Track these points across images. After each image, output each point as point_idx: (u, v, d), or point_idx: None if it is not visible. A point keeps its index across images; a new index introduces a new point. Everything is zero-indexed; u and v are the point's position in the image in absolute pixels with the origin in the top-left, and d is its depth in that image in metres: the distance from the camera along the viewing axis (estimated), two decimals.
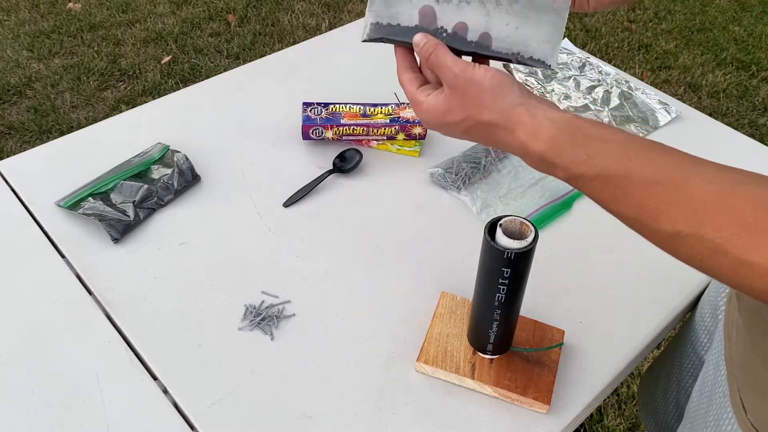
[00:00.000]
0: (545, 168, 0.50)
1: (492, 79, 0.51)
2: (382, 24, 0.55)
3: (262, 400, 0.63)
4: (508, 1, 0.54)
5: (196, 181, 0.86)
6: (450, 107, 0.52)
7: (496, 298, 0.59)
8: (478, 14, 0.54)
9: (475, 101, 0.51)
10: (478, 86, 0.51)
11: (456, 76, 0.51)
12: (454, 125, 0.53)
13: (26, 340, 0.68)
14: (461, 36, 0.54)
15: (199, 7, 2.66)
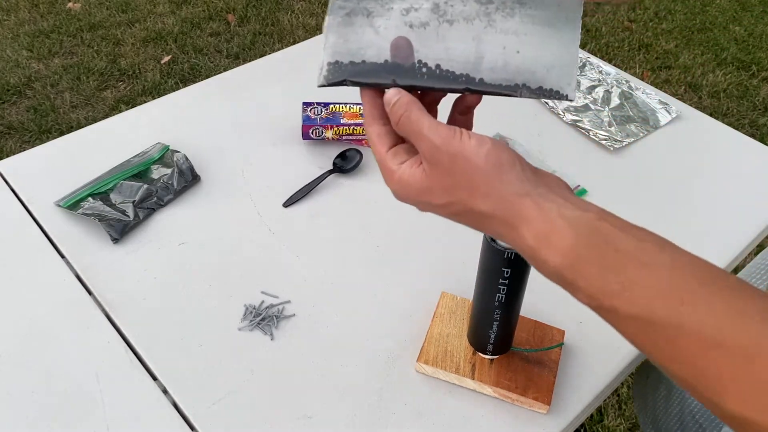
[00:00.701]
0: (563, 285, 0.39)
1: (487, 156, 0.39)
2: (343, 63, 0.43)
3: (262, 400, 0.63)
4: (502, 17, 0.42)
5: (196, 181, 0.85)
6: (430, 186, 0.41)
7: (497, 298, 0.59)
8: (466, 39, 0.42)
9: (465, 183, 0.40)
10: (467, 164, 0.39)
11: (437, 149, 0.40)
12: (437, 208, 0.42)
13: (26, 340, 0.68)
14: (447, 71, 0.42)
15: (198, 7, 2.66)
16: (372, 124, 0.44)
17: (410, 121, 0.41)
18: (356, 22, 0.43)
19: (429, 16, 0.42)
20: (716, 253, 0.80)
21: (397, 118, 0.42)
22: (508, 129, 0.95)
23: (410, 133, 0.41)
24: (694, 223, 0.84)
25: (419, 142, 0.41)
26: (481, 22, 0.42)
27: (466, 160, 0.39)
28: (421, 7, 0.42)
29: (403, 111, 0.41)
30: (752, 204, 0.86)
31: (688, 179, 0.90)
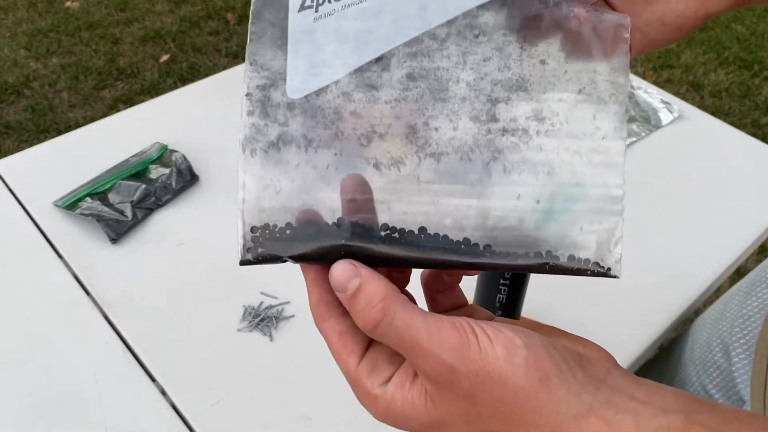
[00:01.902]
0: None
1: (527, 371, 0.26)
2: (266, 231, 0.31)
3: (261, 402, 0.63)
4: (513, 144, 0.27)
5: (195, 181, 0.85)
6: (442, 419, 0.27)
7: (497, 299, 0.58)
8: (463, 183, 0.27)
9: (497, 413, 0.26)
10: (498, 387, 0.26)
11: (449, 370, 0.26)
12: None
13: (23, 341, 0.67)
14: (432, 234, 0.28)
15: (197, 6, 2.65)
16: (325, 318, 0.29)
17: (395, 329, 0.27)
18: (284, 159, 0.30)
19: (402, 150, 0.27)
20: (718, 253, 0.79)
21: (370, 324, 0.27)
22: None
23: (399, 346, 0.27)
24: (696, 222, 0.83)
25: (415, 359, 0.27)
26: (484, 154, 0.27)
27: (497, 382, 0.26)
28: (389, 130, 0.27)
29: (380, 315, 0.27)
30: (754, 204, 0.86)
31: (690, 179, 0.90)
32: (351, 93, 0.27)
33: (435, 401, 0.27)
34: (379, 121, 0.27)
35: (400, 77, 0.27)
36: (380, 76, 0.27)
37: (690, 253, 0.79)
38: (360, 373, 0.29)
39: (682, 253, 0.79)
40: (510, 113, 0.27)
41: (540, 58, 0.27)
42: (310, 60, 0.28)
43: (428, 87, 0.27)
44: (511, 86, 0.27)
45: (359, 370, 0.29)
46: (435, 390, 0.27)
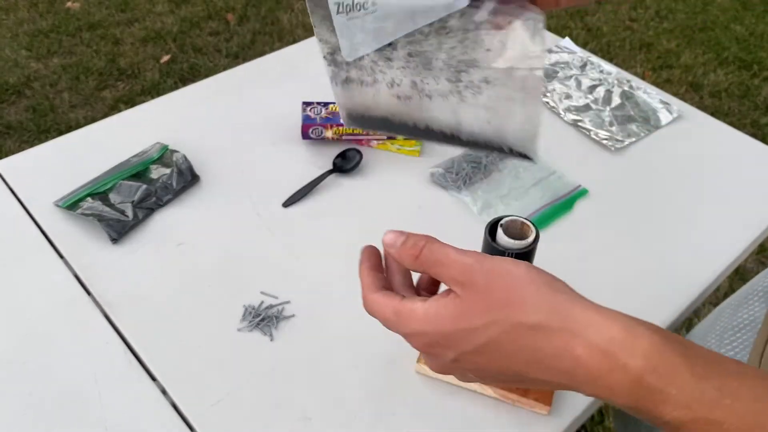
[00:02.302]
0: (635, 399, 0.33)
1: (528, 271, 0.37)
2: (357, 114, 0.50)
3: (262, 401, 0.63)
4: (471, 94, 0.46)
5: (195, 181, 0.85)
6: (466, 310, 0.37)
7: None
8: (445, 111, 0.47)
9: (507, 298, 0.36)
10: (508, 278, 0.37)
11: (470, 269, 0.37)
12: (469, 334, 0.37)
13: (24, 341, 0.67)
14: (431, 129, 0.48)
15: (198, 6, 2.65)
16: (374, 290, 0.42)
17: (433, 250, 0.39)
18: (354, 88, 0.48)
19: (410, 92, 0.47)
20: (717, 253, 0.79)
21: (417, 251, 0.40)
22: None
23: (434, 263, 0.39)
24: (695, 222, 0.83)
25: (446, 269, 0.38)
26: (455, 98, 0.46)
27: (506, 275, 0.37)
28: (402, 82, 0.47)
29: (424, 243, 0.40)
30: (753, 204, 0.86)
31: (689, 179, 0.90)
32: (377, 61, 0.46)
33: (461, 299, 0.37)
34: (396, 76, 0.46)
35: (403, 54, 0.45)
36: (391, 53, 0.45)
37: (689, 252, 0.79)
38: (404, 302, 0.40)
39: (682, 253, 0.79)
40: (468, 78, 0.45)
41: (485, 47, 0.43)
42: (350, 41, 0.45)
43: (420, 61, 0.45)
44: (468, 63, 0.44)
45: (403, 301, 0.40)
46: (461, 290, 0.37)
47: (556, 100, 1.01)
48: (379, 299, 0.41)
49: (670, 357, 0.33)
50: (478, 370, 0.39)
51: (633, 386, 0.33)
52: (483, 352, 0.37)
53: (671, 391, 0.32)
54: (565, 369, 0.35)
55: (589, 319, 0.35)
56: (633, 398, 0.33)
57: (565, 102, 1.01)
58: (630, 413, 0.35)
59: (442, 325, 0.38)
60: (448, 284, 0.39)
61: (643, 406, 0.33)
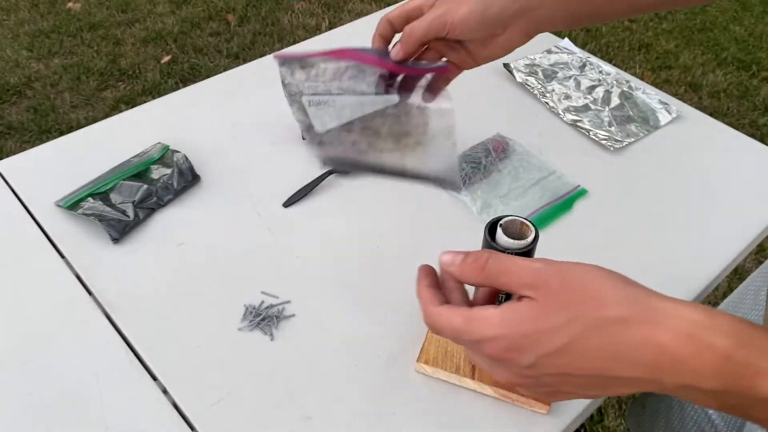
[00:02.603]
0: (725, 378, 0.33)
1: (599, 268, 0.37)
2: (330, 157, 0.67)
3: (262, 401, 0.63)
4: (410, 150, 0.64)
5: (196, 181, 0.85)
6: (542, 310, 0.37)
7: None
8: (394, 159, 0.65)
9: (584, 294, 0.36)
10: (583, 276, 0.37)
11: (541, 271, 0.38)
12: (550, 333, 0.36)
13: (25, 341, 0.68)
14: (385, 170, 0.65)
15: (198, 7, 2.66)
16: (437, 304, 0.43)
17: (498, 260, 0.40)
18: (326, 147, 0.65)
19: (367, 148, 0.64)
20: (716, 253, 0.80)
21: (482, 263, 0.40)
22: (508, 129, 0.95)
23: (501, 273, 0.40)
24: (694, 223, 0.83)
25: (515, 276, 0.39)
26: (399, 152, 0.64)
27: (579, 273, 0.37)
28: (360, 143, 0.64)
29: (487, 255, 0.40)
30: (752, 204, 0.86)
31: (688, 179, 0.90)
32: (341, 131, 0.64)
33: (537, 299, 0.37)
34: (355, 139, 0.64)
35: (359, 127, 0.63)
36: (351, 127, 0.63)
37: (688, 252, 0.80)
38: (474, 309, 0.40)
39: (681, 253, 0.79)
40: (405, 141, 0.63)
41: (414, 123, 0.62)
42: (321, 121, 0.64)
43: (371, 131, 0.63)
44: (404, 133, 0.63)
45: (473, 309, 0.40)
46: (535, 292, 0.37)
47: (556, 101, 1.01)
48: (444, 311, 0.41)
49: (756, 332, 0.33)
50: (557, 375, 0.38)
51: (722, 365, 0.33)
52: (565, 352, 0.36)
53: (763, 363, 0.32)
54: (650, 360, 0.35)
55: (667, 308, 0.35)
56: (722, 379, 0.33)
57: (564, 102, 1.01)
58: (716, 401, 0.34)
59: (521, 326, 0.37)
60: (520, 291, 0.38)
61: (734, 386, 0.33)
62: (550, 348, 0.37)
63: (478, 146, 0.91)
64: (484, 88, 1.04)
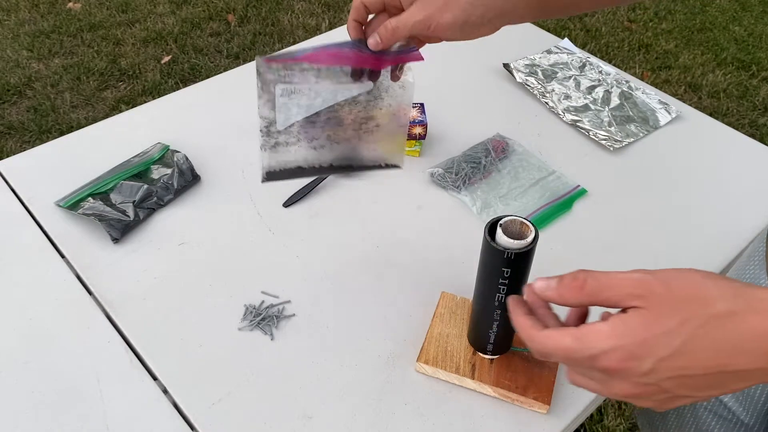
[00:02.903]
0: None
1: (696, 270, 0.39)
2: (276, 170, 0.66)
3: (262, 401, 0.63)
4: (368, 135, 0.68)
5: (196, 181, 0.85)
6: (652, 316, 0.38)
7: (496, 298, 0.59)
8: (347, 149, 0.68)
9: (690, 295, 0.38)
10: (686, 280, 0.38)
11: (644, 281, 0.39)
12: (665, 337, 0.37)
13: (25, 341, 0.68)
14: (333, 166, 0.69)
15: (198, 7, 2.66)
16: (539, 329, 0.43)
17: (597, 277, 0.41)
18: (280, 150, 0.65)
19: (325, 142, 0.67)
20: (716, 253, 0.80)
21: (581, 282, 0.42)
22: (508, 129, 0.95)
23: (603, 289, 0.41)
24: (693, 223, 0.84)
25: (618, 289, 0.40)
26: (356, 140, 0.68)
27: (680, 277, 0.38)
28: (320, 136, 0.66)
29: (584, 274, 0.42)
30: (752, 204, 0.86)
31: (688, 179, 0.90)
32: (304, 126, 0.65)
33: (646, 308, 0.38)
34: (315, 134, 0.66)
35: (324, 119, 0.65)
36: (315, 119, 0.65)
37: (688, 252, 0.80)
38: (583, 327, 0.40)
39: (680, 253, 0.80)
40: (366, 126, 0.67)
41: (379, 107, 0.66)
42: (286, 115, 0.63)
43: (335, 121, 0.66)
44: (368, 118, 0.67)
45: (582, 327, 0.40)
46: (641, 301, 0.38)
47: (555, 101, 1.01)
48: (551, 333, 0.42)
49: None
50: (676, 377, 0.38)
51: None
52: (682, 353, 0.37)
53: None
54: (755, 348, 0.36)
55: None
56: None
57: (564, 102, 1.01)
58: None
59: (635, 334, 0.38)
60: (625, 303, 0.39)
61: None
62: (667, 351, 0.37)
63: (478, 146, 0.92)
64: (484, 88, 1.04)
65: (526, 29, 1.19)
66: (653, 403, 0.41)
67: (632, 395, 0.41)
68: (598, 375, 0.41)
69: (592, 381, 0.42)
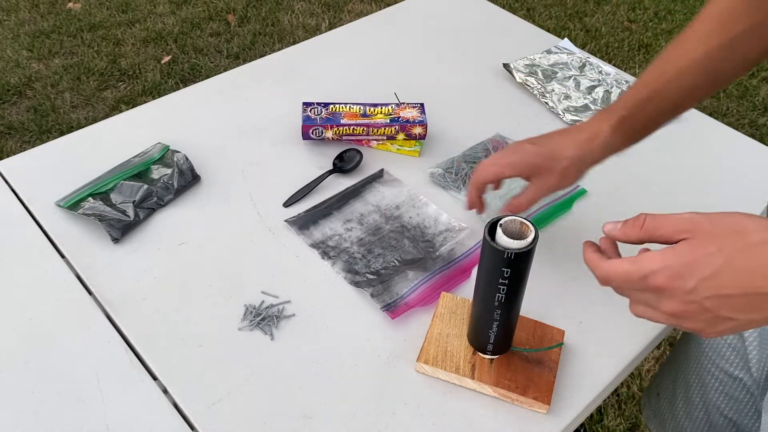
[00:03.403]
0: None
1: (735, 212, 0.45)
2: None
3: (262, 400, 0.63)
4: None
5: (196, 181, 0.85)
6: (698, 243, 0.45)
7: (496, 298, 0.59)
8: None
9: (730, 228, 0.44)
10: (729, 217, 0.45)
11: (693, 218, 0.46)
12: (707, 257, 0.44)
13: (25, 341, 0.68)
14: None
15: (198, 7, 2.66)
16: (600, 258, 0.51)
17: (654, 218, 0.48)
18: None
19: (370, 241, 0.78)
20: None
21: (641, 223, 0.48)
22: (508, 129, 0.95)
23: (658, 227, 0.47)
24: None
25: (670, 227, 0.46)
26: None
27: (725, 216, 0.45)
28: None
29: (644, 216, 0.48)
30: (751, 204, 0.86)
31: (688, 179, 0.90)
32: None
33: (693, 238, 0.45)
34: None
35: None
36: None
37: None
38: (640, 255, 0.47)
39: None
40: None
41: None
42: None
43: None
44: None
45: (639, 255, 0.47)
46: (689, 234, 0.45)
47: (555, 101, 1.01)
48: (613, 261, 0.49)
49: None
50: (717, 297, 0.44)
51: None
52: (721, 273, 0.44)
53: None
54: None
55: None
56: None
57: (564, 102, 1.01)
58: None
59: (681, 257, 0.45)
60: (675, 237, 0.46)
61: None
62: (708, 271, 0.44)
63: (478, 146, 0.92)
64: (484, 88, 1.04)
65: (526, 29, 1.19)
66: (701, 324, 0.47)
67: (680, 313, 0.46)
68: (651, 296, 0.47)
69: (649, 308, 0.48)
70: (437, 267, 0.75)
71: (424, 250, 0.77)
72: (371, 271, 0.74)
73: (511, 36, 1.17)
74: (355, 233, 0.79)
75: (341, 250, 0.77)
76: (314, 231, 0.79)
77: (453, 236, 0.79)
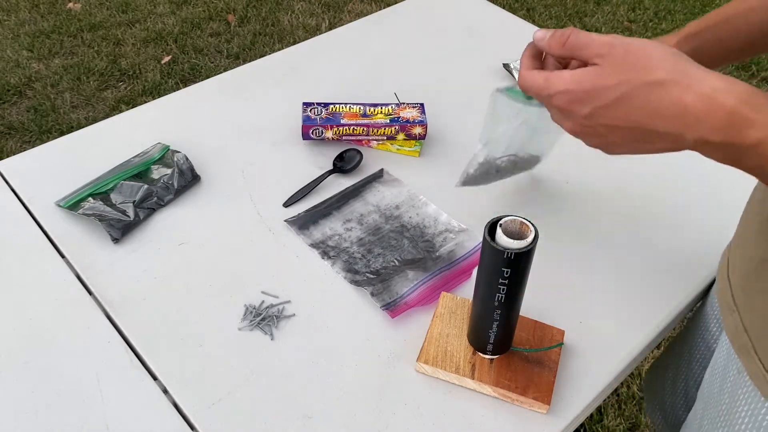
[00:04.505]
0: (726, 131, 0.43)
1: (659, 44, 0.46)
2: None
3: (262, 400, 0.63)
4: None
5: (196, 181, 0.86)
6: (602, 73, 0.47)
7: (496, 298, 0.59)
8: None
9: (639, 63, 0.46)
10: (643, 49, 0.46)
11: (610, 44, 0.47)
12: (605, 90, 0.47)
13: (25, 341, 0.68)
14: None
15: (199, 7, 2.66)
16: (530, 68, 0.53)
17: (578, 36, 0.49)
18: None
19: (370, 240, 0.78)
20: (716, 252, 0.80)
21: (565, 38, 0.50)
22: None
23: (580, 46, 0.49)
24: (692, 222, 0.84)
25: (590, 48, 0.48)
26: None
27: (642, 47, 0.46)
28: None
29: (570, 31, 0.50)
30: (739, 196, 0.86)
31: (688, 179, 0.90)
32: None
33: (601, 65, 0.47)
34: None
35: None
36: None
37: (689, 251, 0.80)
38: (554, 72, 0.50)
39: (681, 252, 0.80)
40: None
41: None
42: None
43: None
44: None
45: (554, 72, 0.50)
46: (601, 59, 0.47)
47: None
48: (534, 73, 0.51)
49: (762, 96, 0.42)
50: (608, 126, 0.48)
51: (727, 119, 0.43)
52: (615, 107, 0.47)
53: (758, 117, 0.42)
54: (677, 114, 0.44)
55: (700, 75, 0.44)
56: (725, 131, 0.43)
57: None
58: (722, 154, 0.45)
59: (583, 83, 0.47)
60: (592, 60, 0.48)
61: (732, 137, 0.43)
62: (604, 101, 0.47)
63: None
64: (484, 88, 1.04)
65: (526, 29, 1.19)
66: (597, 142, 0.51)
67: (577, 132, 0.51)
68: (555, 112, 0.52)
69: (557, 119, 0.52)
70: (437, 267, 0.75)
71: (423, 250, 0.77)
72: (371, 271, 0.74)
73: (511, 36, 1.17)
74: (355, 233, 0.79)
75: (341, 250, 0.77)
76: (314, 231, 0.79)
77: (452, 236, 0.79)
